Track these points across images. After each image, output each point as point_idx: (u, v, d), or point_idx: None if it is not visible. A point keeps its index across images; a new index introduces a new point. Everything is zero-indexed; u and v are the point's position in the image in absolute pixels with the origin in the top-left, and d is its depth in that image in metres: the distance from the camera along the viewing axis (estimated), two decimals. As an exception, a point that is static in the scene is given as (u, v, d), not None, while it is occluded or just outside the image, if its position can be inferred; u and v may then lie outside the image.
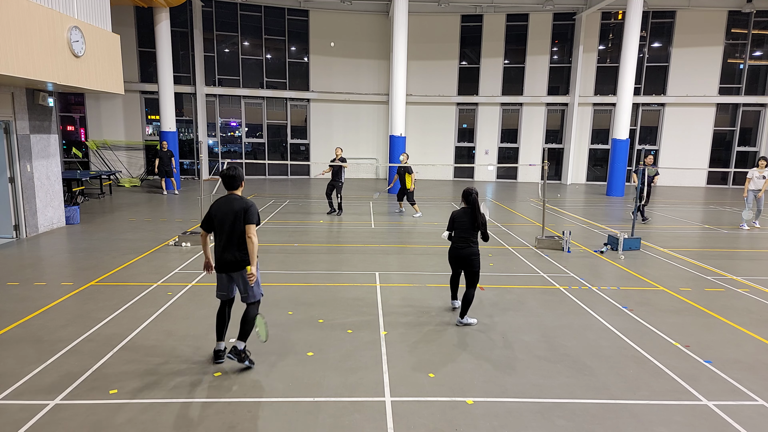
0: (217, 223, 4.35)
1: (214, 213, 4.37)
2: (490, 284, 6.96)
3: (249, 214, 4.27)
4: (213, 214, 4.38)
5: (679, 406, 3.94)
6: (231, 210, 4.29)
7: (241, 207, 4.28)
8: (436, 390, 4.11)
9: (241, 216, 4.27)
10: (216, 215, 4.35)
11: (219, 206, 4.36)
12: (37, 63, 7.64)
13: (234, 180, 4.41)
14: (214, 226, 4.38)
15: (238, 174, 4.43)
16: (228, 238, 4.30)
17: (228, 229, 4.29)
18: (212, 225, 4.40)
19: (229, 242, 4.31)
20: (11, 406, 3.75)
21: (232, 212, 4.28)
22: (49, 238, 9.38)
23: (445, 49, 21.87)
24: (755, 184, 11.52)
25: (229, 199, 4.37)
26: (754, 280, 7.39)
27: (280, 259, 8.14)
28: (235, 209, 4.29)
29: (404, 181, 12.43)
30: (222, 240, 4.33)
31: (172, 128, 17.41)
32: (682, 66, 21.18)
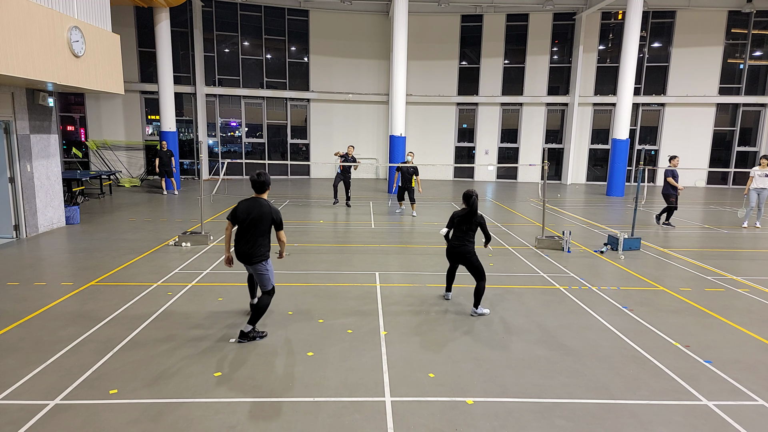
0: (243, 221, 4.91)
1: (242, 211, 4.93)
2: (490, 284, 6.95)
3: (278, 222, 5.00)
4: (241, 212, 4.93)
5: (679, 406, 3.94)
6: (260, 214, 4.88)
7: (271, 215, 4.92)
8: (436, 390, 4.11)
9: (269, 222, 4.93)
10: (242, 215, 4.91)
11: (249, 207, 4.93)
12: (37, 63, 7.64)
13: (263, 185, 5.00)
14: (240, 221, 4.93)
15: (266, 180, 5.01)
16: (250, 236, 4.91)
17: (253, 229, 4.90)
18: (238, 220, 4.94)
19: (249, 239, 4.92)
20: (11, 406, 3.75)
21: (260, 216, 4.87)
22: (49, 238, 9.38)
23: (445, 49, 21.87)
24: (758, 183, 11.50)
25: (259, 202, 4.94)
26: (754, 280, 7.39)
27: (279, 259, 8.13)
28: (264, 213, 4.89)
29: (409, 181, 12.34)
30: (244, 236, 4.93)
31: (172, 128, 17.41)
32: (682, 66, 21.18)
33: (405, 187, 12.49)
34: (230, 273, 7.27)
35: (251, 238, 4.90)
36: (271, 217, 4.93)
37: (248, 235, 4.90)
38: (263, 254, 5.00)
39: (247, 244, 4.91)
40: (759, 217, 11.83)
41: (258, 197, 5.00)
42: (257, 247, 4.93)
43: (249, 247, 4.92)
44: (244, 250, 4.94)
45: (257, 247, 4.93)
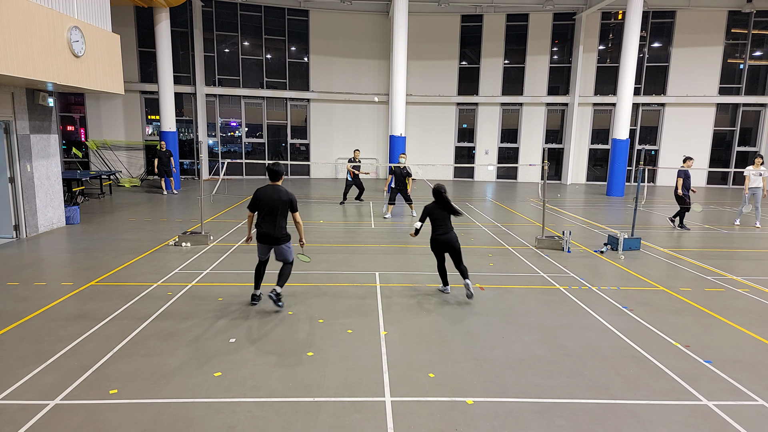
0: (263, 206, 5.59)
1: (260, 197, 5.59)
2: (490, 284, 6.96)
3: (294, 204, 5.65)
4: (260, 199, 5.59)
5: (679, 406, 3.94)
6: (278, 198, 5.56)
7: (288, 198, 5.61)
8: (436, 390, 4.11)
9: (286, 204, 5.61)
10: (263, 200, 5.58)
11: (266, 193, 5.60)
12: (37, 63, 7.64)
13: (278, 174, 5.71)
14: (259, 207, 5.61)
15: (280, 169, 5.74)
16: (272, 219, 5.59)
17: (273, 213, 5.57)
18: (258, 206, 5.63)
19: (272, 222, 5.60)
20: (11, 406, 3.76)
21: (279, 200, 5.56)
22: (49, 238, 9.38)
23: (445, 49, 21.87)
24: (752, 182, 11.59)
25: (275, 188, 5.63)
26: (754, 280, 7.39)
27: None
28: (282, 199, 5.57)
29: (402, 183, 12.22)
30: (266, 219, 5.60)
31: (172, 128, 17.41)
32: (682, 66, 21.18)
33: (398, 188, 12.30)
34: (230, 273, 7.28)
35: (274, 221, 5.57)
36: (289, 200, 5.60)
37: (271, 219, 5.57)
38: (287, 235, 5.73)
39: (271, 227, 5.59)
40: (758, 216, 11.86)
41: (275, 185, 5.66)
42: (280, 229, 5.63)
43: (273, 230, 5.59)
44: (270, 233, 5.60)
45: (280, 229, 5.63)
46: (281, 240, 5.66)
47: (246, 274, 7.21)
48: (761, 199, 11.63)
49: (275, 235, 5.61)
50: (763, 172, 11.47)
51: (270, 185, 5.67)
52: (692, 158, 11.41)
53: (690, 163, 11.23)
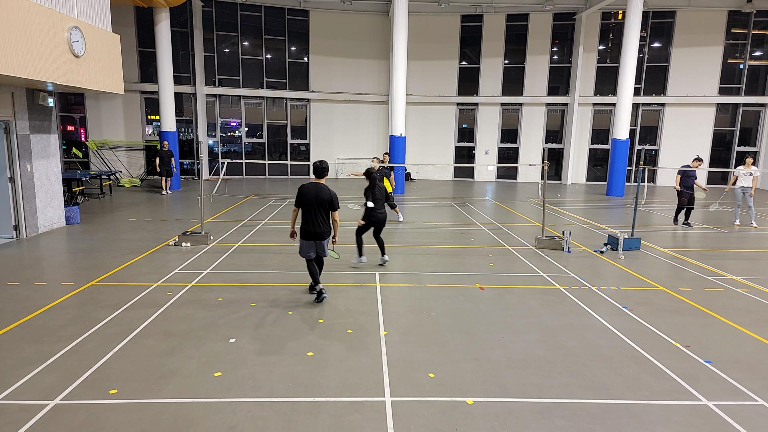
0: (306, 203, 5.83)
1: (304, 194, 5.84)
2: (490, 284, 6.96)
3: (335, 203, 5.88)
4: (303, 195, 5.84)
5: (679, 406, 3.94)
6: (321, 197, 5.80)
7: (329, 197, 5.83)
8: (436, 390, 4.11)
9: (327, 203, 5.82)
10: (306, 197, 5.82)
11: (310, 191, 5.83)
12: (37, 63, 7.64)
13: (323, 171, 5.91)
14: (303, 204, 5.86)
15: (325, 166, 5.93)
16: (316, 217, 5.85)
17: (316, 210, 5.82)
18: (301, 203, 5.87)
19: (316, 220, 5.86)
20: (11, 406, 3.75)
21: (321, 198, 5.80)
22: (49, 238, 9.38)
23: (445, 49, 21.87)
24: (742, 182, 11.68)
25: (319, 186, 5.84)
26: (754, 280, 7.39)
27: (280, 259, 8.14)
28: (324, 197, 5.80)
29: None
30: (310, 217, 5.85)
31: (172, 128, 17.41)
32: (682, 66, 21.19)
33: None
34: (230, 273, 7.28)
35: (318, 219, 5.84)
36: (330, 199, 5.82)
37: (316, 218, 5.83)
38: (329, 230, 6.00)
39: (317, 225, 5.86)
40: (752, 216, 11.93)
41: (318, 183, 5.89)
42: (324, 225, 5.90)
43: (317, 227, 5.86)
44: (316, 231, 5.87)
45: (324, 225, 5.90)
46: (325, 235, 5.92)
47: (246, 274, 7.22)
48: (752, 198, 11.66)
49: (318, 230, 5.86)
50: (753, 172, 11.53)
51: (313, 183, 5.88)
52: (701, 160, 11.61)
53: (697, 164, 11.46)
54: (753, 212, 11.89)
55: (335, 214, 5.93)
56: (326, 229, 5.93)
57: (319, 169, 5.92)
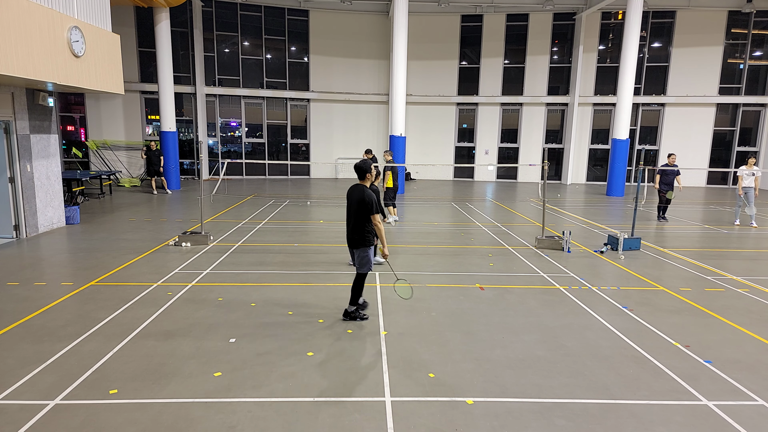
0: (347, 206, 5.44)
1: (347, 197, 5.44)
2: (490, 284, 6.96)
3: (370, 206, 5.23)
4: (347, 197, 5.45)
5: (679, 406, 3.94)
6: (354, 199, 5.31)
7: (361, 198, 5.24)
8: (436, 390, 4.11)
9: (362, 205, 5.24)
10: (347, 200, 5.44)
11: (350, 193, 5.41)
12: (37, 63, 7.64)
13: (359, 171, 5.37)
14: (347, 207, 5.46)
15: (362, 166, 5.36)
16: (349, 220, 5.43)
17: (353, 214, 5.35)
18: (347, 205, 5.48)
19: (349, 223, 5.44)
20: (11, 406, 3.75)
21: (355, 201, 5.30)
22: (49, 238, 9.38)
23: (445, 49, 21.87)
24: (745, 182, 11.74)
25: (356, 188, 5.36)
26: (754, 280, 7.39)
27: (280, 259, 8.14)
28: (356, 198, 5.28)
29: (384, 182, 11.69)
30: (348, 221, 5.46)
31: (172, 128, 17.41)
32: (682, 66, 21.18)
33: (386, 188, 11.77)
34: (230, 273, 7.28)
35: (349, 222, 5.41)
36: (362, 201, 5.21)
37: (349, 219, 5.41)
38: (363, 239, 5.33)
39: (348, 228, 5.43)
40: (753, 216, 11.92)
41: (358, 184, 5.40)
42: (355, 231, 5.34)
43: (351, 232, 5.39)
44: (349, 237, 5.43)
45: (355, 231, 5.34)
46: (356, 243, 5.36)
47: (246, 274, 7.22)
48: (754, 199, 11.67)
49: (350, 236, 5.41)
50: (755, 172, 11.54)
51: (354, 184, 5.44)
52: (674, 153, 12.45)
53: (673, 158, 12.22)
54: (754, 212, 11.86)
55: (375, 218, 5.27)
56: (360, 236, 5.33)
57: (357, 169, 5.40)
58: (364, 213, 5.26)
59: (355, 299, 5.50)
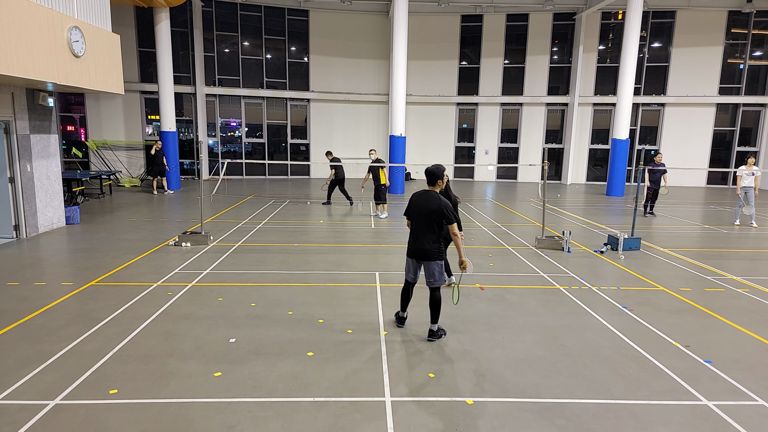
0: (415, 215, 4.96)
1: (413, 204, 4.99)
2: (490, 284, 6.96)
3: (448, 215, 4.79)
4: (412, 206, 5.00)
5: (679, 406, 3.94)
6: (427, 206, 4.84)
7: (440, 206, 4.79)
8: (436, 390, 4.11)
9: (439, 215, 4.79)
10: (415, 207, 4.96)
11: (417, 199, 4.97)
12: (37, 63, 7.64)
13: (431, 176, 4.94)
14: (412, 216, 5.01)
15: (434, 171, 4.92)
16: (421, 230, 4.90)
17: (423, 223, 4.88)
18: (410, 214, 5.05)
19: (421, 234, 4.91)
20: (11, 406, 3.75)
21: (428, 209, 4.83)
22: (49, 238, 9.38)
23: (445, 49, 21.87)
24: (744, 182, 11.75)
25: (428, 195, 4.92)
26: (754, 280, 7.39)
27: (280, 259, 8.14)
28: (431, 207, 4.82)
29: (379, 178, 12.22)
30: (416, 230, 4.95)
31: (172, 128, 17.41)
32: (682, 66, 21.18)
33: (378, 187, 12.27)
34: (230, 273, 7.28)
35: (424, 233, 4.89)
36: (439, 210, 4.78)
37: (421, 231, 4.90)
38: (437, 250, 4.91)
39: (422, 240, 4.91)
40: (753, 216, 11.93)
41: (430, 190, 4.98)
42: (431, 243, 4.87)
43: (423, 243, 4.90)
44: (419, 248, 4.93)
45: (431, 243, 4.87)
46: (429, 256, 4.88)
47: (246, 274, 7.22)
48: (754, 198, 11.66)
49: (418, 246, 4.92)
50: (755, 172, 11.55)
51: (424, 190, 5.01)
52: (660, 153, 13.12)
53: (659, 157, 12.76)
54: (753, 212, 11.88)
55: (452, 228, 4.85)
56: (433, 247, 4.88)
57: (429, 175, 4.95)
58: (440, 223, 4.84)
59: (436, 316, 5.06)
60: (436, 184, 4.95)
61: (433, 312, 5.04)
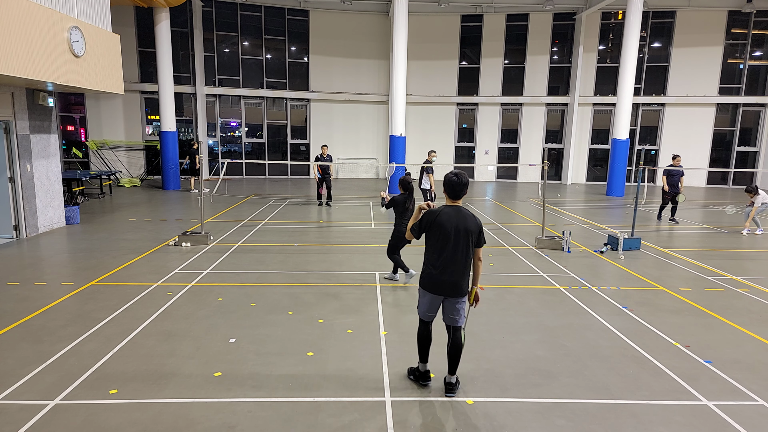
0: (443, 237, 3.81)
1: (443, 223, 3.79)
2: (490, 284, 6.96)
3: (483, 237, 3.88)
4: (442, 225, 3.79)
5: (679, 406, 3.94)
6: (465, 226, 3.78)
7: (476, 227, 3.82)
8: (436, 390, 4.11)
9: (474, 237, 3.83)
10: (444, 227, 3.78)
11: (446, 218, 3.79)
12: (37, 63, 7.64)
13: (464, 187, 3.85)
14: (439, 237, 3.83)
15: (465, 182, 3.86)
16: (453, 258, 3.82)
17: (457, 248, 3.80)
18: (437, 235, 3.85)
19: (454, 262, 3.82)
20: (11, 406, 3.75)
21: (465, 229, 3.78)
22: (49, 238, 9.38)
23: (445, 49, 21.87)
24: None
25: (459, 212, 3.83)
26: (754, 280, 7.39)
27: (280, 259, 8.14)
28: (469, 227, 3.80)
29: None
30: (446, 258, 3.83)
31: (172, 128, 17.40)
32: (682, 66, 21.18)
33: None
34: (230, 273, 7.27)
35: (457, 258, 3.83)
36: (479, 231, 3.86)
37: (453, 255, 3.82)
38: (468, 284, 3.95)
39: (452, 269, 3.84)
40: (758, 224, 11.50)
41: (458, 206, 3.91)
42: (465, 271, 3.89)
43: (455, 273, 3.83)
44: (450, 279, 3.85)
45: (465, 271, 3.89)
46: (463, 290, 3.90)
47: (246, 274, 7.22)
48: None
49: (455, 280, 3.85)
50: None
51: (452, 206, 3.88)
52: (678, 156, 12.20)
53: (678, 160, 12.08)
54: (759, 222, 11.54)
55: (479, 252, 3.94)
56: (466, 280, 3.89)
57: (459, 186, 3.84)
58: (477, 246, 3.89)
59: (457, 364, 4.02)
60: (462, 198, 3.89)
61: (456, 359, 3.99)
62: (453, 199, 3.90)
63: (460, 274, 3.86)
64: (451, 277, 3.85)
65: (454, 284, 3.86)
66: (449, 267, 3.84)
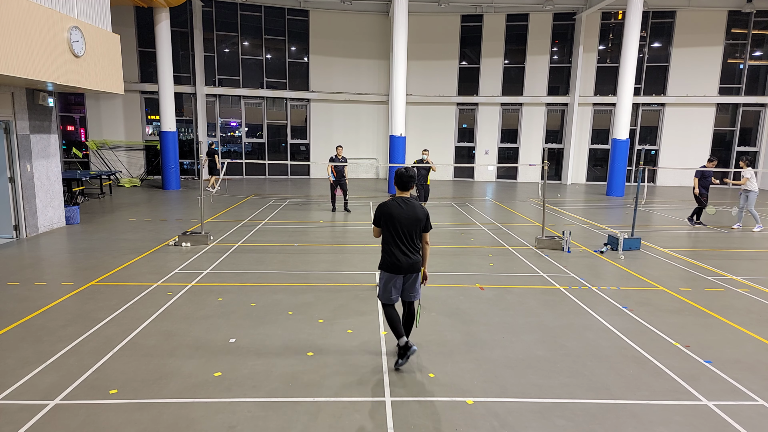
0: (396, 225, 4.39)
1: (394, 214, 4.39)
2: (490, 284, 6.96)
3: (429, 223, 4.51)
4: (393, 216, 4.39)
5: (679, 406, 3.94)
6: (414, 215, 4.41)
7: (424, 215, 4.48)
8: (436, 390, 4.11)
9: (423, 223, 4.47)
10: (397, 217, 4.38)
11: (397, 208, 4.39)
12: (37, 63, 7.64)
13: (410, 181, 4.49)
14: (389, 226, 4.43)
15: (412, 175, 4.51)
16: (407, 242, 4.44)
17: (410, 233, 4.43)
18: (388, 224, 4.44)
19: (409, 246, 4.45)
20: (11, 406, 3.75)
21: (415, 218, 4.41)
22: (49, 238, 9.38)
23: (445, 49, 21.87)
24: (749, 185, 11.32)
25: (408, 203, 4.45)
26: (754, 280, 7.39)
27: (280, 259, 8.14)
28: (417, 215, 4.42)
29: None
30: (401, 243, 4.43)
31: (172, 128, 17.41)
32: (682, 66, 21.18)
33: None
34: (230, 273, 7.27)
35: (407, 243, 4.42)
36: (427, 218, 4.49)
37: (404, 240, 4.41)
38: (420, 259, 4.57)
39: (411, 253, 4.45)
40: (740, 218, 11.61)
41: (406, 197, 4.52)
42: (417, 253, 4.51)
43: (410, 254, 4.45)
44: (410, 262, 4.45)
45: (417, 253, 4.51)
46: (417, 266, 4.52)
47: (246, 274, 7.22)
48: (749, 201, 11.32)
49: (413, 260, 4.45)
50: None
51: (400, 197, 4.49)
52: (714, 160, 11.71)
53: (712, 164, 11.56)
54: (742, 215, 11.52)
55: (426, 237, 4.56)
56: (418, 257, 4.51)
57: (406, 178, 4.48)
58: (423, 231, 4.52)
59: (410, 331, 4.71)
60: (409, 189, 4.53)
61: (410, 327, 4.68)
62: (402, 191, 4.54)
63: (414, 254, 4.50)
64: (406, 257, 4.45)
65: (409, 264, 4.47)
66: (405, 250, 4.46)
